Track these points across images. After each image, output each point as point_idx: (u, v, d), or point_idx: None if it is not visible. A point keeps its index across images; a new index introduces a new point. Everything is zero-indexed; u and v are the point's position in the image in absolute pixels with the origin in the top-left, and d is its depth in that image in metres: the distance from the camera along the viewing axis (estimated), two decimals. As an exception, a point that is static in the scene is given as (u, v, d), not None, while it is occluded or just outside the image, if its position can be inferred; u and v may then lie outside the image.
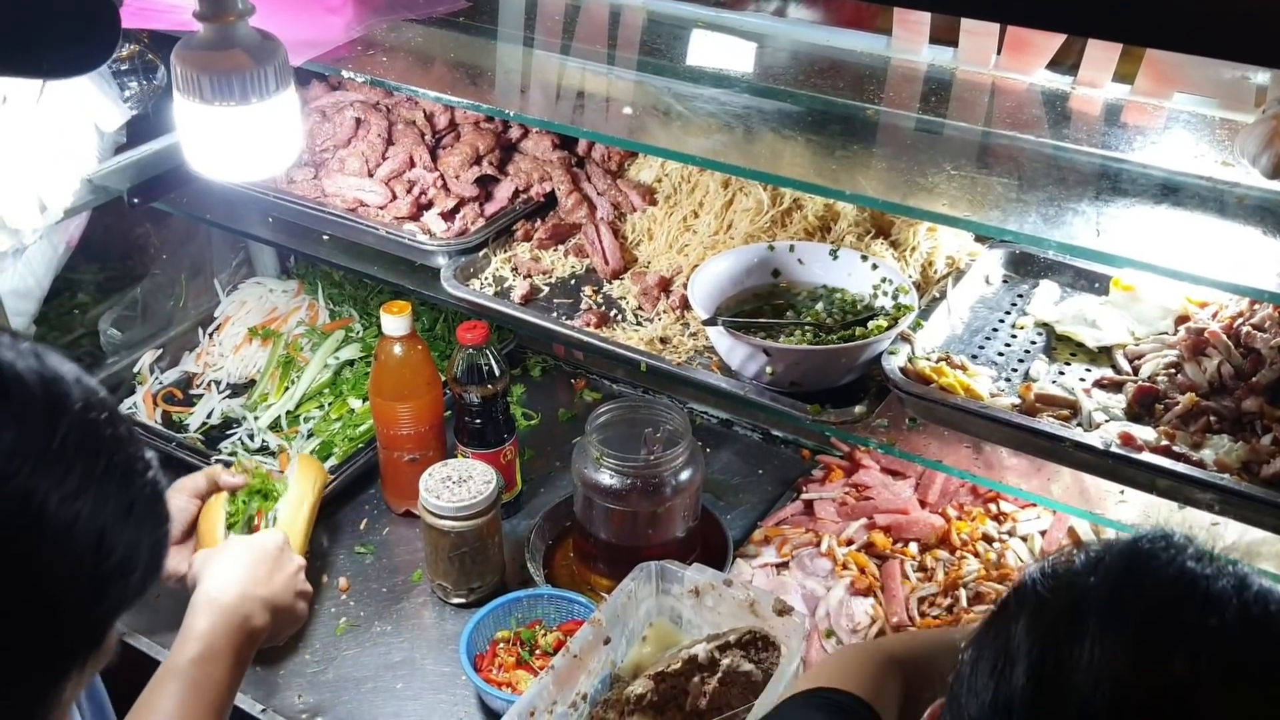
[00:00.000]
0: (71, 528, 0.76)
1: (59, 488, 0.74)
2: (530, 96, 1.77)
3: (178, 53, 1.44)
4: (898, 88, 1.64)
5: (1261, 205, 1.35)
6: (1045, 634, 0.77)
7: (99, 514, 0.77)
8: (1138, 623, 0.75)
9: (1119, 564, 0.80)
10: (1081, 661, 0.74)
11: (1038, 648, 0.77)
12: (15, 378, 0.76)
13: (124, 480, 0.80)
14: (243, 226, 2.11)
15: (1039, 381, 1.56)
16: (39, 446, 0.74)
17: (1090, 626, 0.75)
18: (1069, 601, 0.78)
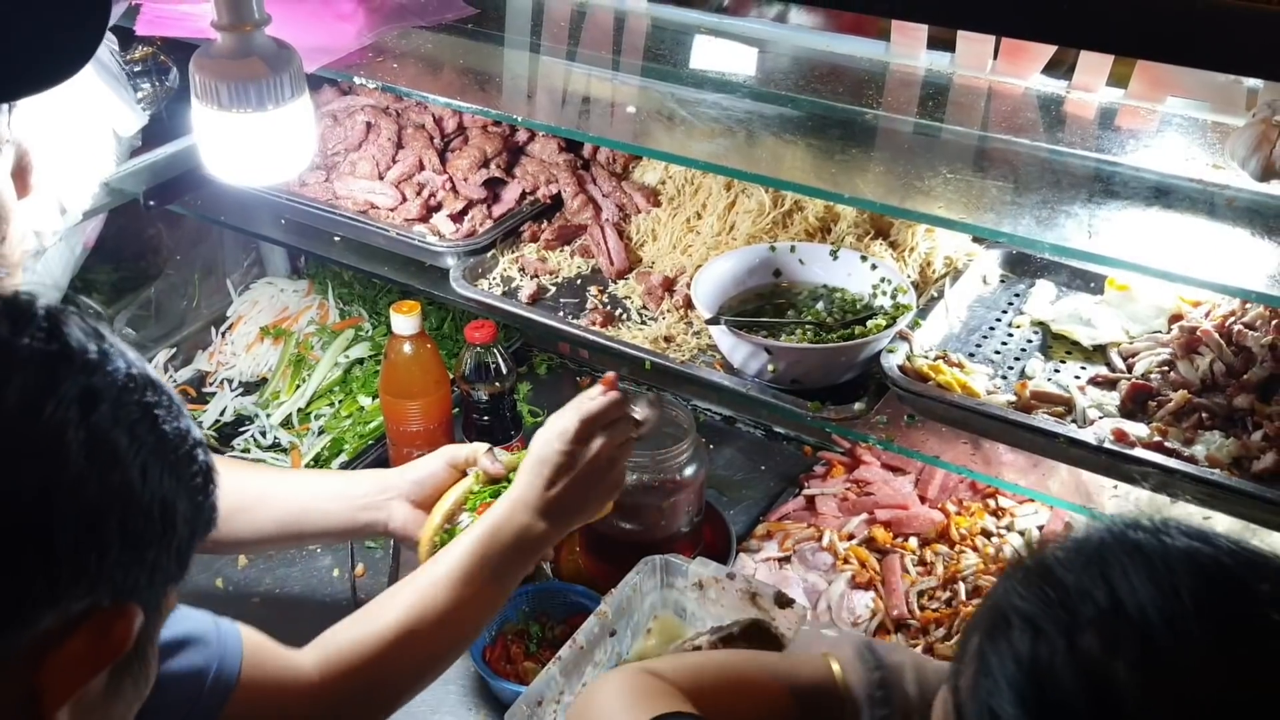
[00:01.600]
0: (177, 449, 0.84)
1: (162, 417, 0.83)
2: (537, 101, 1.80)
3: (196, 60, 1.48)
4: (896, 92, 1.67)
5: (1251, 207, 1.38)
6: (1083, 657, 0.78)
7: (194, 440, 0.87)
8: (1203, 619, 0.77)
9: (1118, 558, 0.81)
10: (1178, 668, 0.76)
11: (1074, 666, 0.78)
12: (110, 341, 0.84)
13: (175, 435, 0.86)
14: (256, 228, 2.15)
15: (1035, 379, 1.60)
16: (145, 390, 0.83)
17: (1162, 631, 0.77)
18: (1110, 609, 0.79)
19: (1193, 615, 0.77)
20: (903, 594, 1.90)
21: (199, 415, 2.36)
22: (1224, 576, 0.79)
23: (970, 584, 1.90)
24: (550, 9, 1.97)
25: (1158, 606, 0.77)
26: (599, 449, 1.52)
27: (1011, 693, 0.80)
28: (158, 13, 1.81)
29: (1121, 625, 0.78)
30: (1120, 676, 0.76)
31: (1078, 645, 0.78)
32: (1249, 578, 0.79)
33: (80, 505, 0.77)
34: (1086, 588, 0.80)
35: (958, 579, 1.90)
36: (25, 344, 0.78)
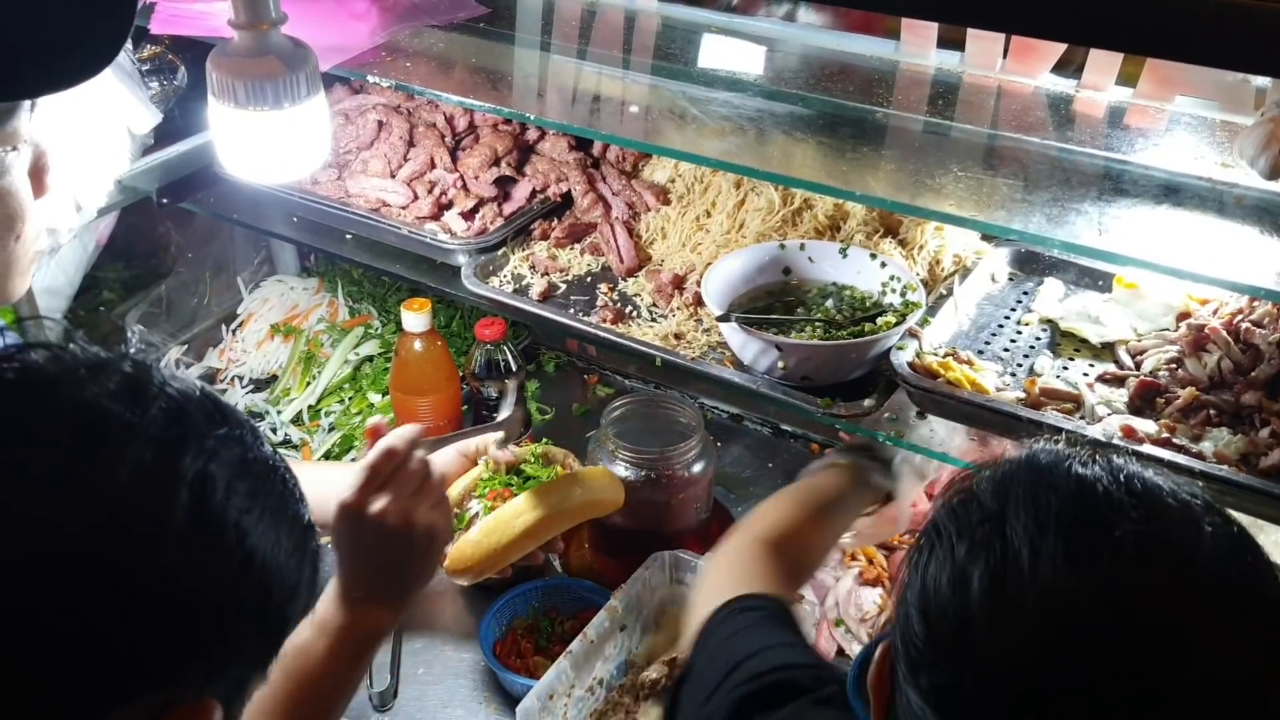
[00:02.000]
0: (283, 527, 0.84)
1: (270, 494, 0.84)
2: (548, 100, 1.82)
3: (213, 59, 1.49)
4: (906, 91, 1.68)
5: (1259, 205, 1.39)
6: (986, 546, 0.83)
7: (299, 515, 0.87)
8: (1064, 539, 0.82)
9: (1023, 483, 0.87)
10: (1026, 581, 0.80)
11: (983, 557, 0.83)
12: (231, 410, 0.85)
13: (295, 504, 0.88)
14: (268, 226, 2.16)
15: (1043, 376, 1.61)
16: (256, 462, 0.84)
17: (1026, 532, 0.82)
18: (993, 513, 0.85)
19: (1052, 531, 0.82)
20: (910, 590, 1.91)
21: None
22: (1099, 499, 0.84)
23: (977, 580, 1.91)
24: (561, 8, 1.98)
25: (1025, 520, 0.83)
26: (385, 509, 1.39)
27: (915, 600, 0.86)
28: (172, 11, 1.83)
29: (992, 536, 0.83)
30: (974, 584, 0.82)
31: (956, 552, 0.84)
32: (1124, 504, 0.83)
33: (177, 599, 0.77)
34: (985, 503, 0.87)
35: (965, 576, 1.91)
36: (146, 424, 0.78)
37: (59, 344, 0.83)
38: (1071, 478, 0.86)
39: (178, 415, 0.80)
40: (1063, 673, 0.79)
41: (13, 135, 1.13)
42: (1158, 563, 0.81)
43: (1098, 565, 0.81)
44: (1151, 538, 0.82)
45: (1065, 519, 0.83)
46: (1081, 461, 0.88)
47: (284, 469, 0.87)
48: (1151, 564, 0.81)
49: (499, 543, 1.72)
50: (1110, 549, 0.81)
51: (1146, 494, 0.85)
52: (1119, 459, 0.88)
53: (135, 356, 0.85)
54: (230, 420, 0.84)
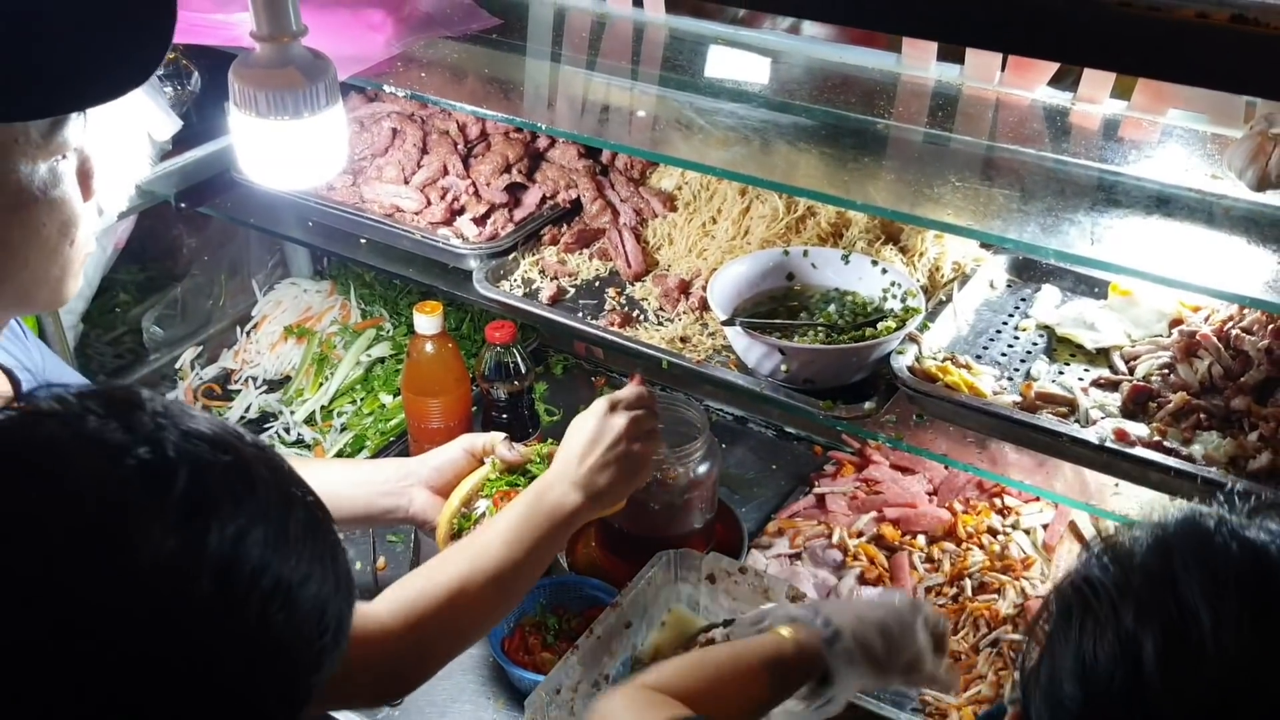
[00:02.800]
0: (304, 607, 0.83)
1: (295, 572, 0.83)
2: (558, 109, 1.86)
3: (236, 70, 1.54)
4: (907, 103, 1.72)
5: (1247, 216, 1.43)
6: (1160, 613, 0.80)
7: (322, 591, 0.85)
8: (1246, 602, 0.79)
9: (1188, 544, 0.84)
10: (1208, 645, 0.78)
11: (1156, 623, 0.80)
12: (261, 477, 0.84)
13: (334, 559, 0.89)
14: (284, 231, 2.21)
15: (1039, 380, 1.65)
16: (280, 537, 0.83)
17: (1202, 611, 0.79)
18: (1165, 591, 0.81)
19: (1234, 595, 0.79)
20: (911, 590, 1.95)
21: (224, 411, 2.42)
22: (1274, 561, 0.81)
23: (976, 580, 1.95)
24: (571, 20, 2.03)
25: (1201, 583, 0.80)
26: (624, 428, 1.60)
27: (1070, 667, 0.83)
28: (193, 21, 1.87)
29: (1164, 598, 0.80)
30: (1148, 646, 0.79)
31: (1121, 614, 0.81)
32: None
33: (198, 684, 0.77)
34: (1145, 563, 0.84)
35: (964, 576, 1.96)
36: (168, 509, 0.77)
37: (74, 405, 0.82)
38: (1238, 539, 0.83)
39: (201, 497, 0.79)
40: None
41: (64, 144, 1.18)
42: None
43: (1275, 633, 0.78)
44: None
45: (1243, 581, 0.80)
46: (1241, 525, 0.85)
47: (317, 522, 0.87)
48: None
49: None
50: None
51: None
52: (1274, 521, 0.85)
53: (152, 405, 0.83)
54: (259, 486, 0.83)
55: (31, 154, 1.15)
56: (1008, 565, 1.97)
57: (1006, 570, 1.96)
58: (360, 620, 1.36)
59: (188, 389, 2.45)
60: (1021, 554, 2.00)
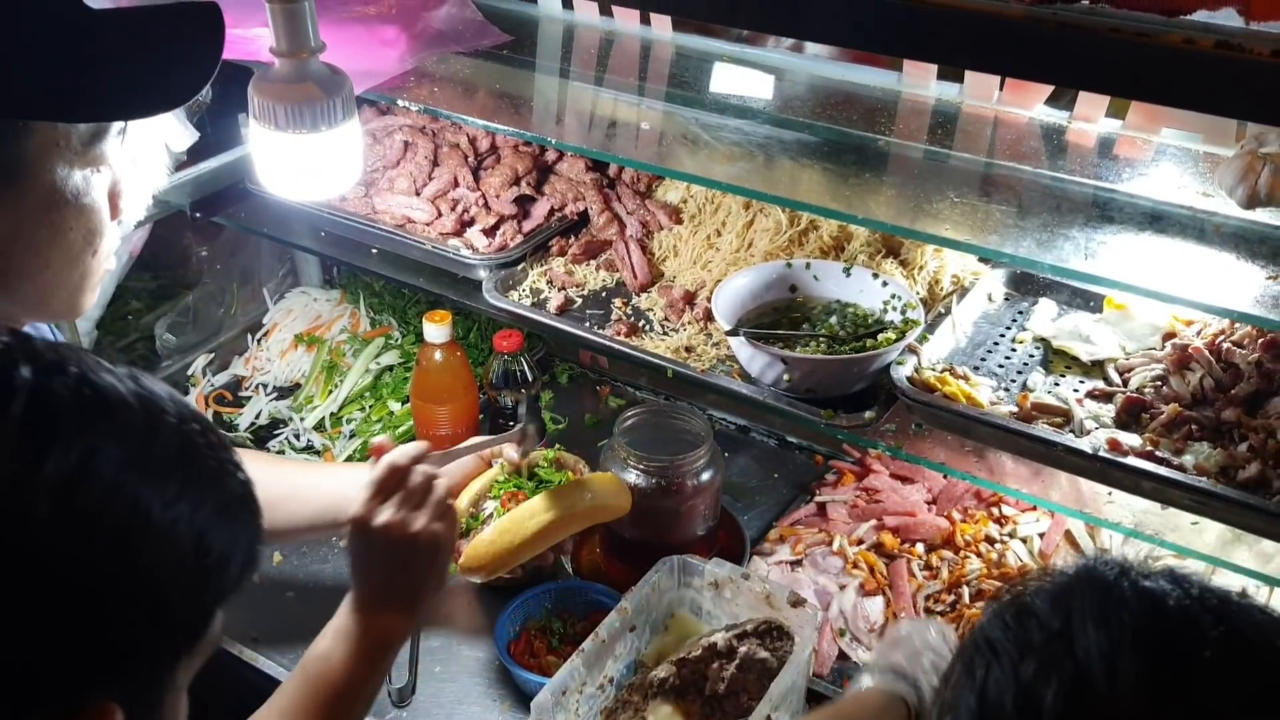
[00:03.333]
0: (173, 530, 0.81)
1: (161, 494, 0.81)
2: (567, 124, 1.90)
3: (255, 84, 1.59)
4: (907, 120, 1.76)
5: (1237, 233, 1.47)
6: (1061, 676, 0.81)
7: (197, 516, 0.83)
8: (1143, 660, 0.80)
9: (1087, 599, 0.85)
10: (1103, 702, 0.79)
11: (1059, 692, 0.80)
12: (118, 398, 0.83)
13: (217, 483, 0.87)
14: (297, 240, 2.25)
15: (1035, 391, 1.68)
16: (141, 459, 0.81)
17: (1097, 667, 0.80)
18: (1064, 647, 0.82)
19: (1129, 650, 0.80)
20: (909, 597, 1.98)
21: (235, 418, 2.46)
22: (1173, 616, 0.82)
23: (974, 588, 1.98)
24: (580, 37, 2.07)
25: (1098, 639, 0.81)
26: (390, 522, 1.49)
27: (966, 716, 0.85)
28: (211, 36, 1.92)
29: (1061, 655, 0.81)
30: (1048, 703, 0.80)
31: (1021, 672, 0.82)
32: (1199, 619, 0.82)
33: (53, 604, 0.75)
34: (1045, 620, 0.85)
35: (962, 583, 1.99)
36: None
37: None
38: (1136, 591, 0.84)
39: (40, 417, 0.77)
40: None
41: (100, 157, 1.24)
42: (1241, 681, 0.79)
43: (1180, 685, 0.79)
44: (1233, 656, 0.80)
45: (1139, 638, 0.81)
46: (1144, 575, 0.85)
47: (195, 447, 0.85)
48: (1234, 683, 0.79)
49: (512, 542, 1.83)
50: (1191, 668, 0.79)
51: (1220, 606, 0.83)
52: (1181, 571, 0.86)
53: (26, 345, 0.82)
54: (118, 409, 0.81)
55: (70, 159, 1.21)
56: (1005, 573, 2.00)
57: (1004, 578, 1.99)
58: None
59: (199, 395, 2.49)
60: (1018, 562, 2.03)
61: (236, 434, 2.41)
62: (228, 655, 1.98)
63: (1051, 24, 1.14)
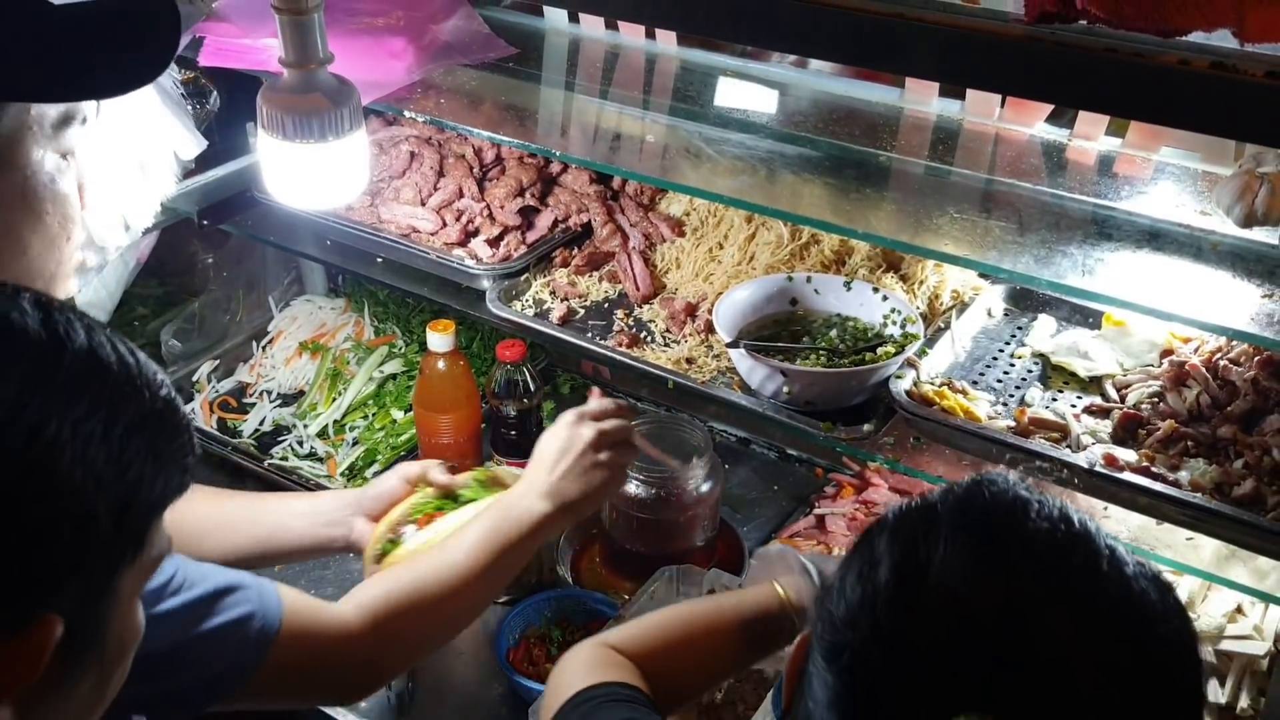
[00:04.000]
0: (87, 447, 0.83)
1: (70, 413, 0.82)
2: (571, 136, 1.92)
3: (264, 94, 1.61)
4: (909, 136, 1.77)
5: (1234, 252, 1.48)
6: (904, 542, 0.88)
7: (112, 432, 0.85)
8: (980, 533, 0.87)
9: (962, 491, 0.92)
10: (934, 563, 0.85)
11: (898, 551, 0.88)
12: (19, 326, 0.86)
13: (133, 398, 0.88)
14: (303, 249, 2.27)
15: (1033, 406, 1.69)
16: (46, 380, 0.83)
17: (941, 534, 0.87)
18: (923, 519, 0.90)
19: (962, 537, 0.86)
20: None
21: (239, 425, 2.47)
22: (1021, 514, 0.87)
23: (971, 601, 1.99)
24: (586, 50, 2.09)
25: (943, 530, 0.87)
26: (592, 438, 1.62)
27: (838, 587, 0.91)
28: (222, 45, 1.94)
29: (908, 539, 0.88)
30: (881, 575, 0.87)
31: (874, 551, 0.89)
32: (1046, 522, 0.87)
33: None
34: (912, 515, 0.91)
35: (959, 596, 1.99)
36: None
37: None
38: (995, 492, 0.90)
39: None
40: (946, 659, 0.82)
41: (69, 145, 1.27)
42: (1061, 575, 0.84)
43: (1001, 566, 0.84)
44: (1059, 551, 0.85)
45: (979, 523, 0.87)
46: (1009, 484, 0.91)
47: (106, 370, 0.87)
48: (1053, 575, 0.84)
49: None
50: (1017, 555, 0.85)
51: (1069, 520, 0.87)
52: (1054, 502, 0.90)
53: None
54: (19, 340, 0.84)
55: (42, 143, 1.24)
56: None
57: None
58: (325, 619, 1.43)
59: (204, 401, 2.51)
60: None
61: (240, 440, 2.43)
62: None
63: (1050, 44, 1.15)
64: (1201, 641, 1.62)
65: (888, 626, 0.85)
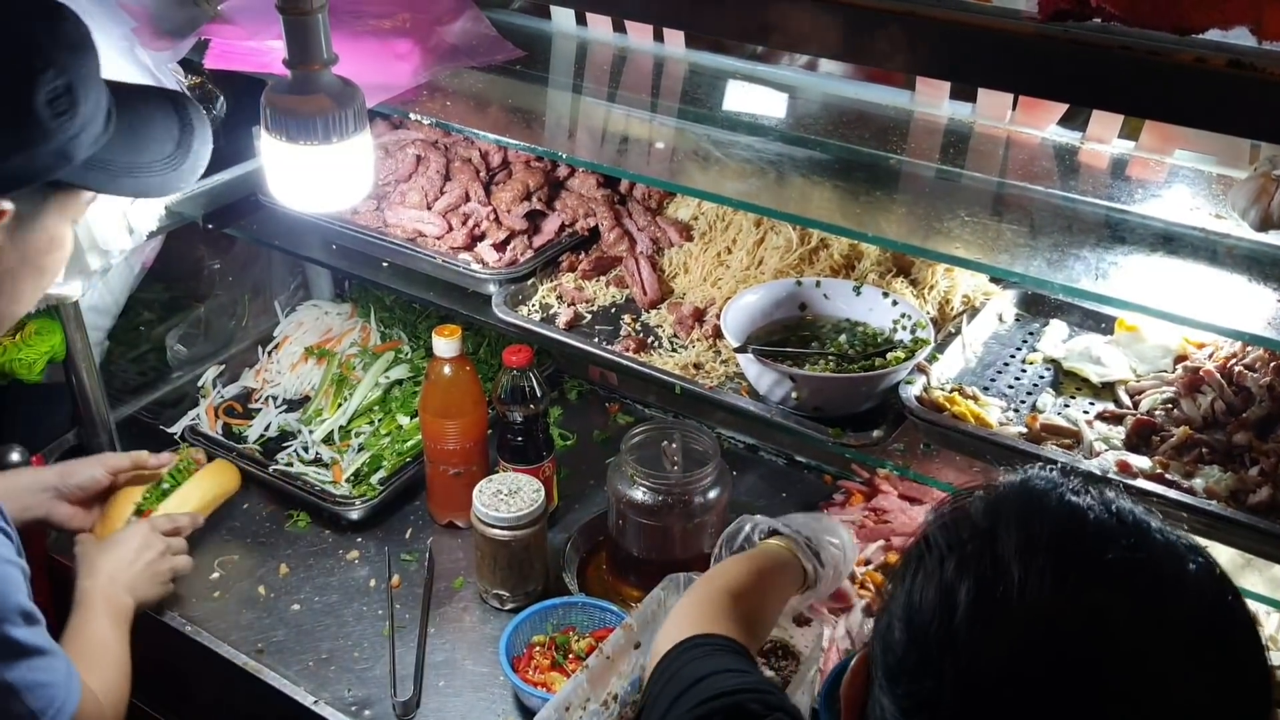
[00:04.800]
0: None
1: None
2: (579, 139, 1.91)
3: (268, 96, 1.60)
4: (919, 139, 1.76)
5: (1249, 256, 1.46)
6: (975, 565, 0.86)
7: None
8: (1055, 553, 0.85)
9: (1018, 502, 0.91)
10: (1015, 586, 0.84)
11: (971, 577, 0.86)
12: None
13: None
14: (309, 253, 2.26)
15: (1045, 412, 1.68)
16: None
17: (1016, 555, 0.85)
18: (982, 537, 0.88)
19: (1042, 551, 0.85)
20: (916, 618, 1.97)
21: (244, 430, 2.46)
22: (1089, 525, 0.87)
23: (981, 610, 1.97)
24: (593, 53, 2.08)
25: (1015, 540, 0.86)
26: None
27: (899, 611, 0.90)
28: (226, 47, 1.93)
29: (981, 553, 0.87)
30: (960, 596, 0.85)
31: (945, 569, 0.88)
32: (1114, 531, 0.87)
33: None
34: (975, 523, 0.90)
35: (969, 605, 1.97)
36: None
37: None
38: (1064, 504, 0.89)
39: None
40: (1039, 688, 0.81)
41: (82, 213, 1.44)
42: (1141, 591, 0.84)
43: (1083, 587, 0.83)
44: (1137, 566, 0.85)
45: (1055, 541, 0.86)
46: (1074, 490, 0.90)
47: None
48: (1135, 592, 0.84)
49: None
50: (1097, 573, 0.84)
51: (1135, 525, 0.88)
52: (1110, 491, 0.91)
53: None
54: None
55: (71, 213, 1.44)
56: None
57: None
58: None
59: (209, 406, 2.50)
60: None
61: (246, 445, 2.41)
62: (233, 667, 1.99)
63: (1063, 41, 1.14)
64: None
65: (968, 652, 0.84)
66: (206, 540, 2.23)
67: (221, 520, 2.28)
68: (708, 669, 1.32)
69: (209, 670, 2.02)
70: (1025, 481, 0.94)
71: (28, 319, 2.06)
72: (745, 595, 1.56)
